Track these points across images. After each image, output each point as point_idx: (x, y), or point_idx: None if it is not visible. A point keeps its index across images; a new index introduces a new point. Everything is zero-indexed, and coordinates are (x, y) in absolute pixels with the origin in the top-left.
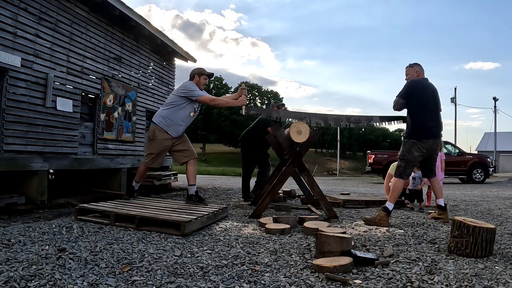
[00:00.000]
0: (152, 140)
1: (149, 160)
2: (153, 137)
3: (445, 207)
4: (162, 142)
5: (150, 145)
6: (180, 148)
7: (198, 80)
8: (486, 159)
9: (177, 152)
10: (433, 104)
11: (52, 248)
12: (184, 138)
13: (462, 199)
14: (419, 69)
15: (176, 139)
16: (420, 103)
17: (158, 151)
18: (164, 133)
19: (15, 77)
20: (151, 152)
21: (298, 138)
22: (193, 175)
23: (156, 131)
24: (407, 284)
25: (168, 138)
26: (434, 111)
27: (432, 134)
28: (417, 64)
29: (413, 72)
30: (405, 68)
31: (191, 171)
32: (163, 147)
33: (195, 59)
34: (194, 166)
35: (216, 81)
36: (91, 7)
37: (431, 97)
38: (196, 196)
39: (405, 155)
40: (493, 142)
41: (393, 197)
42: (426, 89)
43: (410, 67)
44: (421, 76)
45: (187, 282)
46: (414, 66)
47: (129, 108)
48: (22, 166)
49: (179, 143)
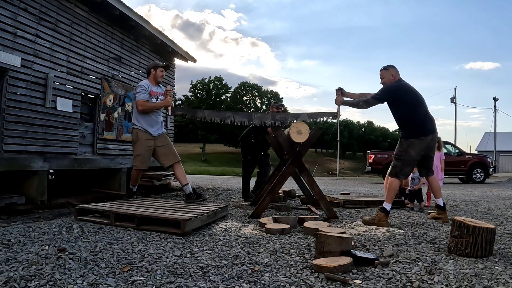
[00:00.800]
0: (136, 142)
1: (138, 162)
2: (136, 139)
3: (444, 207)
4: (145, 142)
5: (135, 147)
6: (163, 152)
7: (154, 73)
8: (486, 159)
9: (161, 156)
10: (422, 101)
11: (52, 248)
12: (166, 141)
13: (462, 199)
14: (395, 72)
15: (158, 141)
16: (411, 102)
17: (143, 152)
18: (145, 133)
19: (15, 77)
20: (137, 153)
21: (298, 138)
22: (183, 176)
23: (138, 132)
24: (407, 284)
25: (150, 138)
26: (424, 107)
27: (429, 129)
28: (392, 66)
29: (388, 75)
30: (380, 71)
31: (179, 173)
32: (147, 147)
33: (195, 59)
34: (181, 167)
35: (216, 81)
36: (91, 7)
37: (418, 95)
38: (194, 193)
39: (402, 154)
40: (493, 142)
41: (390, 197)
42: (410, 89)
43: (385, 70)
44: (397, 78)
45: (187, 282)
46: (389, 68)
47: (129, 108)
48: (22, 166)
49: (162, 146)
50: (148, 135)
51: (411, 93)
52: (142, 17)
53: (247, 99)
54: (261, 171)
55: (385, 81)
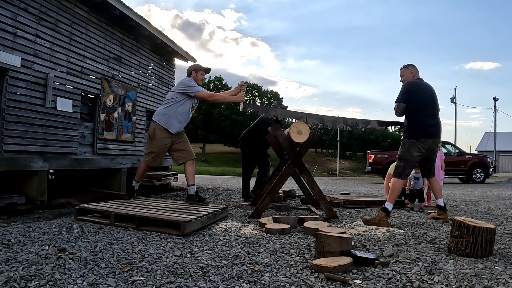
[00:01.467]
0: (152, 139)
1: (150, 159)
2: (153, 135)
3: (445, 207)
4: (162, 140)
5: (151, 144)
6: (179, 148)
7: (195, 76)
8: (486, 159)
9: (176, 152)
10: (432, 103)
11: (52, 248)
12: (183, 138)
13: (462, 199)
14: (414, 70)
15: (175, 137)
16: (418, 103)
17: (158, 150)
18: (164, 131)
19: (15, 77)
20: (151, 150)
21: (298, 138)
22: (192, 175)
23: (156, 129)
24: (407, 284)
25: (168, 136)
26: (433, 111)
27: (432, 133)
28: (412, 65)
29: (408, 73)
30: (400, 69)
31: (189, 172)
32: (163, 145)
33: (195, 59)
34: (193, 166)
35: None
36: (91, 7)
37: (429, 97)
38: (197, 196)
39: (404, 155)
40: (493, 142)
41: (392, 197)
42: (423, 89)
43: (405, 68)
44: (416, 76)
45: (187, 282)
46: (409, 67)
47: (129, 108)
48: (22, 166)
49: (178, 143)
50: (167, 133)
51: (423, 94)
52: (142, 17)
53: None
54: (261, 171)
55: (404, 79)
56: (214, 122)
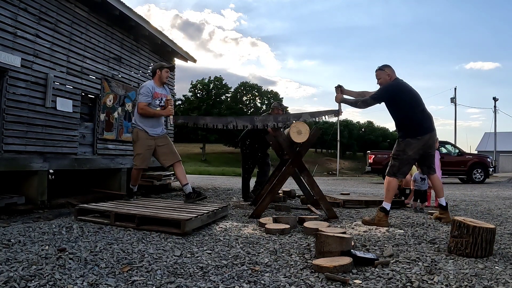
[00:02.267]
0: (136, 142)
1: (138, 161)
2: (136, 138)
3: (447, 206)
4: (145, 141)
5: (135, 146)
6: (164, 151)
7: (160, 74)
8: (486, 159)
9: (162, 156)
10: (419, 99)
11: (52, 248)
12: (167, 141)
13: (462, 199)
14: (390, 71)
15: (159, 140)
16: (408, 101)
17: (143, 151)
18: (144, 133)
19: (15, 77)
20: (137, 152)
21: (298, 138)
22: (183, 175)
23: (138, 132)
24: (407, 284)
25: (150, 138)
26: (421, 106)
27: (427, 128)
28: (387, 66)
29: (384, 75)
30: (375, 71)
31: (179, 172)
32: (147, 146)
33: (195, 59)
34: (181, 166)
35: (216, 81)
36: (91, 7)
37: (414, 94)
38: (194, 193)
39: (399, 154)
40: (493, 142)
41: (389, 196)
42: (407, 88)
43: (381, 70)
44: (393, 77)
45: (187, 282)
46: (385, 68)
47: (129, 108)
48: (22, 166)
49: (162, 146)
50: (148, 135)
51: (408, 92)
52: (142, 17)
53: (247, 99)
54: (261, 171)
55: (381, 82)
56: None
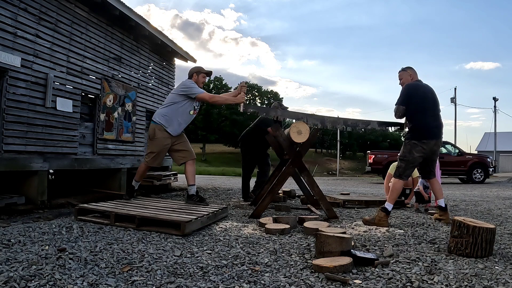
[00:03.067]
0: (152, 139)
1: (150, 159)
2: (153, 136)
3: (446, 208)
4: (162, 141)
5: (151, 144)
6: (179, 148)
7: (196, 78)
8: (486, 159)
9: (176, 153)
10: (432, 104)
11: (52, 248)
12: (183, 139)
13: (462, 199)
14: (413, 72)
15: (175, 138)
16: (419, 104)
17: (158, 150)
18: (164, 132)
19: (15, 77)
20: (151, 151)
21: (298, 138)
22: (193, 175)
23: (156, 130)
24: (407, 284)
25: (168, 137)
26: (434, 111)
27: (434, 134)
28: (410, 67)
29: (407, 76)
30: (398, 72)
31: (190, 172)
32: (163, 146)
33: (195, 59)
34: (193, 166)
35: (216, 81)
36: (91, 7)
37: (429, 97)
38: (197, 196)
39: (406, 156)
40: (493, 142)
41: (392, 197)
42: (424, 90)
43: (403, 71)
44: (415, 79)
45: (187, 282)
46: (407, 69)
47: (129, 108)
48: (22, 166)
49: (178, 143)
50: (167, 134)
51: (423, 95)
52: (142, 17)
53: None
54: (261, 171)
55: (403, 82)
56: (214, 122)
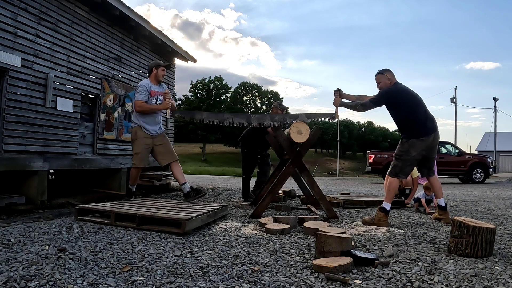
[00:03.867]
0: (134, 141)
1: (137, 160)
2: (135, 137)
3: (446, 207)
4: (143, 140)
5: (134, 145)
6: (161, 151)
7: (156, 72)
8: (486, 159)
9: (159, 155)
10: (420, 101)
11: (52, 248)
12: (164, 140)
13: (462, 199)
14: (391, 75)
15: (156, 138)
16: (410, 104)
17: (141, 150)
18: (143, 132)
19: (15, 77)
20: (136, 151)
21: (298, 138)
22: (181, 174)
23: (137, 131)
24: (407, 284)
25: (148, 137)
26: (423, 107)
27: (431, 129)
28: (388, 70)
29: (385, 79)
30: (375, 75)
31: (177, 171)
32: (145, 145)
33: (195, 59)
34: (178, 165)
35: (216, 81)
36: (91, 7)
37: (415, 95)
38: (193, 191)
39: (402, 155)
40: (493, 142)
41: (390, 196)
42: (408, 90)
43: (381, 74)
44: (393, 81)
45: (187, 282)
46: (385, 72)
47: (129, 108)
48: (22, 166)
49: (160, 145)
50: (147, 134)
51: (408, 95)
52: (142, 17)
53: (247, 99)
54: (261, 171)
55: (381, 86)
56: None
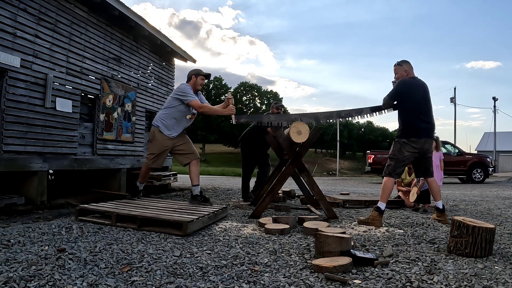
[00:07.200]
0: (151, 141)
1: (150, 161)
2: (153, 137)
3: (443, 209)
4: (162, 142)
5: (150, 145)
6: (182, 149)
7: (195, 80)
8: (486, 159)
9: (180, 154)
10: (425, 103)
11: (52, 249)
12: (185, 139)
13: (462, 199)
14: (408, 68)
15: (176, 139)
16: (411, 103)
17: (158, 152)
18: (163, 134)
19: (14, 77)
20: (151, 152)
21: (298, 138)
22: (197, 176)
23: (156, 132)
24: (406, 284)
25: (167, 139)
26: (426, 110)
27: (424, 133)
28: (406, 61)
29: (402, 71)
30: (393, 66)
31: (194, 172)
32: (163, 147)
33: (194, 59)
34: (197, 166)
35: (215, 81)
36: (90, 8)
37: (421, 96)
38: (201, 196)
39: (395, 154)
40: (493, 142)
41: (384, 196)
42: (417, 88)
43: (399, 65)
44: (410, 74)
45: (186, 282)
46: (403, 64)
47: (128, 109)
48: (22, 166)
49: (181, 144)
50: (166, 136)
51: (415, 94)
52: (141, 17)
53: (247, 99)
54: (261, 171)
55: (398, 77)
56: (214, 122)
